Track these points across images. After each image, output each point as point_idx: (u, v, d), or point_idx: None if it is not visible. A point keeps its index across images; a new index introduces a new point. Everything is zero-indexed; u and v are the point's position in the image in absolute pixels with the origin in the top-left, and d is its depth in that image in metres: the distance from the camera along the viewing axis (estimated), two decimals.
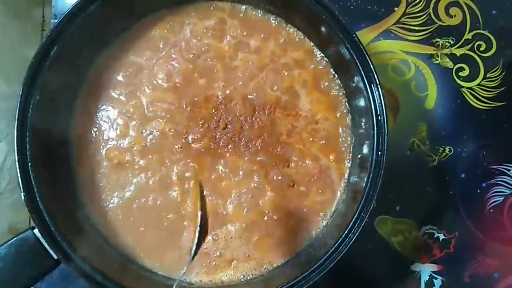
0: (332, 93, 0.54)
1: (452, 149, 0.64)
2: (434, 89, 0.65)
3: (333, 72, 0.55)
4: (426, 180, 0.64)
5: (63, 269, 0.59)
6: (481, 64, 0.66)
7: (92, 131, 0.53)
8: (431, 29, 0.66)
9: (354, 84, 0.50)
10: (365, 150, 0.49)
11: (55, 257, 0.44)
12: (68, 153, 0.52)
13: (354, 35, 0.48)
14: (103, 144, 0.53)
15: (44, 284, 0.60)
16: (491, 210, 0.63)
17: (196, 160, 0.53)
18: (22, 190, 0.43)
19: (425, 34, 0.66)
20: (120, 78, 0.54)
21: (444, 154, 0.64)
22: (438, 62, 0.66)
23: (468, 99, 0.65)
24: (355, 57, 0.48)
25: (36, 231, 0.44)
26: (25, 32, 0.82)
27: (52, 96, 0.48)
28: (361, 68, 0.48)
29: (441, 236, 0.62)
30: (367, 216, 0.46)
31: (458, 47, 0.66)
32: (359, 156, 0.52)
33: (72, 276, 0.61)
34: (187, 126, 0.53)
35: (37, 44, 0.46)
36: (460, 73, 0.65)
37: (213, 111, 0.53)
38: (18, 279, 0.43)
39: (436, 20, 0.66)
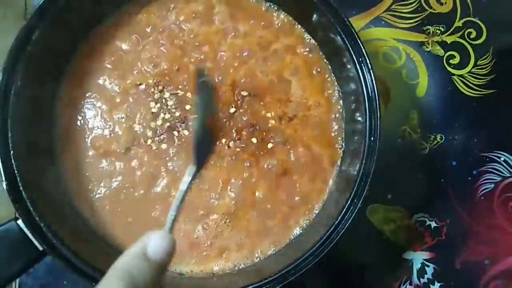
0: (324, 79, 0.54)
1: (443, 136, 0.64)
2: (425, 76, 0.65)
3: (325, 58, 0.54)
4: (418, 168, 0.63)
5: (50, 263, 0.58)
6: (471, 52, 0.65)
7: (77, 119, 0.51)
8: (422, 17, 0.65)
9: (346, 70, 0.49)
10: (358, 136, 0.49)
11: (40, 248, 0.42)
12: (52, 141, 0.50)
13: (345, 20, 0.47)
14: (88, 133, 0.52)
15: (30, 278, 0.58)
16: (482, 198, 0.63)
17: (185, 149, 0.52)
18: (4, 179, 0.42)
19: (416, 22, 0.65)
20: (105, 64, 0.52)
21: (436, 141, 0.63)
22: (429, 49, 0.65)
23: (459, 86, 0.65)
24: (347, 42, 0.47)
25: (20, 221, 0.42)
26: (6, 21, 0.80)
27: (34, 83, 0.46)
28: (353, 53, 0.47)
29: (433, 224, 0.62)
30: (360, 203, 0.46)
31: (448, 35, 0.65)
32: (351, 142, 0.51)
33: (59, 270, 0.59)
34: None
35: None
36: (451, 61, 0.65)
37: None
38: (2, 271, 0.42)
39: (426, 8, 0.66)
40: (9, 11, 0.79)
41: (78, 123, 0.52)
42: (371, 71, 0.46)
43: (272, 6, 0.54)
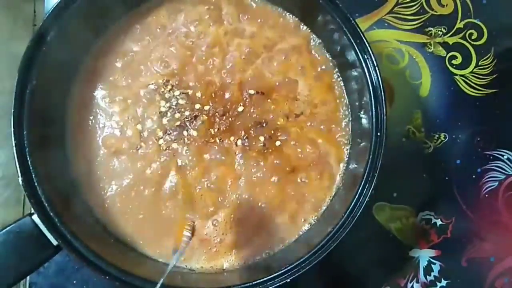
0: (329, 77, 0.55)
1: (447, 135, 0.64)
2: (428, 77, 0.66)
3: (330, 56, 0.55)
4: (422, 167, 0.64)
5: (61, 263, 0.59)
6: (473, 52, 0.67)
7: (88, 118, 0.53)
8: (424, 18, 0.67)
9: (351, 68, 0.51)
10: (364, 132, 0.50)
11: (55, 243, 0.43)
12: (65, 140, 0.51)
13: (351, 19, 0.49)
14: (99, 132, 0.53)
15: (41, 278, 0.59)
16: (486, 195, 0.64)
17: (194, 148, 0.52)
18: (20, 174, 0.43)
19: (418, 23, 0.67)
20: (117, 64, 0.54)
21: (440, 140, 0.64)
22: (431, 50, 0.66)
23: (461, 86, 0.66)
24: (352, 40, 0.48)
25: (34, 217, 0.43)
26: (15, 28, 0.81)
27: (48, 82, 0.47)
28: (358, 51, 0.48)
29: (438, 222, 0.63)
30: (367, 197, 0.46)
31: (450, 36, 0.67)
32: (358, 139, 0.52)
33: (69, 270, 0.60)
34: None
35: (28, 39, 0.46)
36: (453, 61, 0.66)
37: (211, 97, 0.53)
38: (17, 266, 0.42)
39: (428, 10, 0.67)
40: (18, 18, 0.81)
41: (90, 122, 0.53)
42: (376, 68, 0.47)
43: (278, 8, 0.56)
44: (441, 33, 0.67)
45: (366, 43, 0.48)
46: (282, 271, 0.46)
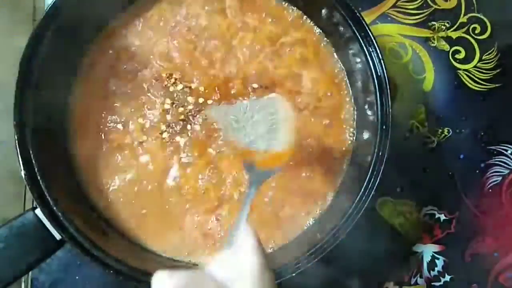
0: (334, 71, 0.54)
1: (450, 130, 0.64)
2: (431, 71, 0.65)
3: (334, 50, 0.55)
4: (426, 161, 0.64)
5: (63, 258, 0.58)
6: (476, 47, 0.66)
7: (90, 113, 0.52)
8: (427, 13, 0.66)
9: (356, 61, 0.50)
10: (369, 125, 0.49)
11: (58, 237, 0.43)
12: (67, 135, 0.51)
13: (355, 11, 0.48)
14: (102, 126, 0.52)
15: (43, 274, 0.59)
16: (490, 190, 0.63)
17: (198, 142, 0.52)
18: (22, 168, 0.42)
19: (421, 18, 0.66)
20: (119, 59, 0.53)
21: (443, 135, 0.64)
22: (434, 45, 0.66)
23: (465, 81, 0.65)
24: (357, 33, 0.48)
25: (37, 211, 0.43)
26: (15, 22, 0.80)
27: (50, 75, 0.47)
28: (363, 44, 0.48)
29: (442, 217, 0.63)
30: (372, 192, 0.46)
31: (453, 30, 0.66)
32: (362, 133, 0.52)
33: (72, 265, 0.59)
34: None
35: (28, 34, 0.45)
36: (457, 56, 0.66)
37: (214, 91, 0.53)
38: (19, 261, 0.42)
39: (431, 4, 0.67)
40: (17, 14, 0.80)
41: (92, 117, 0.52)
42: (381, 60, 0.47)
43: (282, 1, 0.55)
44: (444, 27, 0.66)
45: (371, 35, 0.48)
46: (286, 265, 0.45)
